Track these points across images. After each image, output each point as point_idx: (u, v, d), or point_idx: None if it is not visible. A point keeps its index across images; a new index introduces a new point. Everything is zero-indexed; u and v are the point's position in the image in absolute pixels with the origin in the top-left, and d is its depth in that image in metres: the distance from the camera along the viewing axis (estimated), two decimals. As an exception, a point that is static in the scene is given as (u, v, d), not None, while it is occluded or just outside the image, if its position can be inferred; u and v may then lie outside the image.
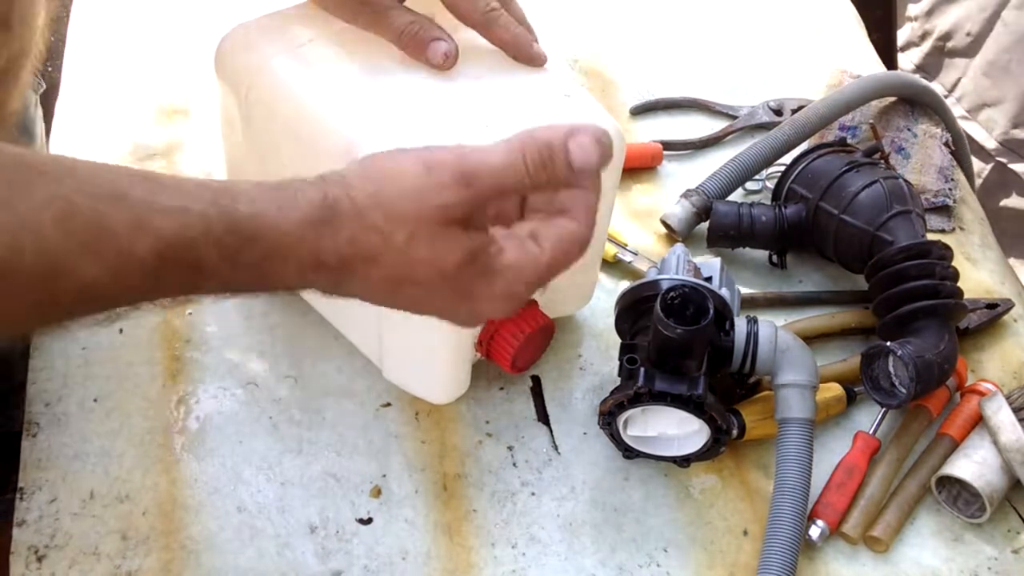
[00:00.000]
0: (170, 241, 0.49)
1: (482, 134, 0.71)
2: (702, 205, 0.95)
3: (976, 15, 1.41)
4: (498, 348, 0.78)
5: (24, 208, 0.46)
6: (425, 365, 0.79)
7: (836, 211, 0.89)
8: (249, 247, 0.51)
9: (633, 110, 1.07)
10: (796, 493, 0.75)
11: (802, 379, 0.77)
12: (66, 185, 0.48)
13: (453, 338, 0.76)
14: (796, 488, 0.75)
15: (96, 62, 1.06)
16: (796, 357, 0.77)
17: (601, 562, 0.76)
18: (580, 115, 0.75)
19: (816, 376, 0.78)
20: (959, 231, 1.00)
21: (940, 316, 0.83)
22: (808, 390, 0.77)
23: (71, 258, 0.47)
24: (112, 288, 0.49)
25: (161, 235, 0.49)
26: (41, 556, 0.72)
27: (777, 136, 0.98)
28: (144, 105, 1.02)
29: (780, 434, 0.77)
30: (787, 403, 0.77)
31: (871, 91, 1.02)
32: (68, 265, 0.47)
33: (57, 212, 0.47)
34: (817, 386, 0.78)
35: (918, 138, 1.03)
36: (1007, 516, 0.80)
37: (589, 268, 0.86)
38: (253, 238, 0.51)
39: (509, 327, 0.78)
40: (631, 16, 1.18)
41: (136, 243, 0.48)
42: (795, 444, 0.76)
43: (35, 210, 0.46)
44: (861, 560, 0.77)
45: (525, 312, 0.79)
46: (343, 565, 0.74)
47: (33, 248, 0.46)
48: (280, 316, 0.87)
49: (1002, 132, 1.41)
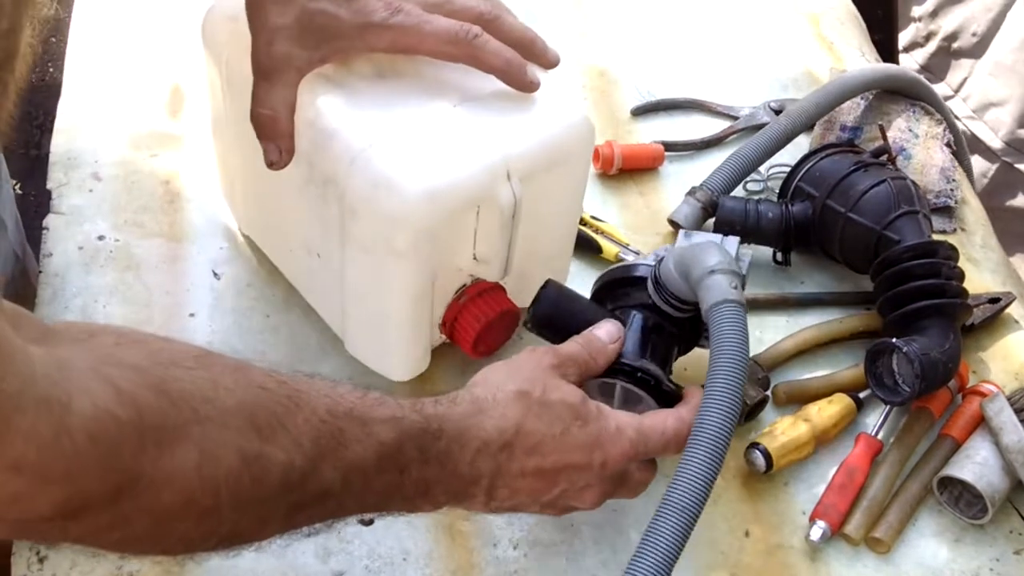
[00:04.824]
0: (389, 446, 0.59)
1: (449, 113, 0.73)
2: (708, 201, 0.95)
3: (982, 15, 1.41)
4: (461, 330, 0.79)
5: (293, 429, 0.55)
6: (383, 340, 0.79)
7: (843, 209, 0.89)
8: (435, 440, 0.61)
9: (634, 111, 1.08)
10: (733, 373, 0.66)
11: (712, 263, 0.70)
12: (319, 405, 0.57)
13: (410, 311, 0.76)
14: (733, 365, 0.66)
15: (98, 61, 1.06)
16: (699, 252, 0.71)
17: (603, 563, 0.76)
18: (550, 104, 0.76)
19: (734, 263, 0.71)
20: (960, 232, 0.99)
21: (945, 315, 0.83)
22: (724, 275, 0.70)
23: (315, 466, 0.56)
24: (340, 492, 0.58)
25: (383, 441, 0.59)
26: (42, 557, 0.72)
27: (775, 128, 0.98)
28: (147, 101, 1.03)
29: (710, 323, 0.69)
30: (709, 292, 0.69)
31: (864, 83, 1.03)
32: (313, 471, 0.56)
33: (310, 432, 0.56)
34: (740, 273, 0.71)
35: (919, 139, 1.03)
36: (1009, 517, 0.80)
37: (560, 255, 0.86)
38: (440, 430, 0.62)
39: (472, 309, 0.78)
40: (632, 17, 1.18)
41: (365, 451, 0.58)
42: (727, 324, 0.67)
43: (297, 431, 0.55)
44: (863, 561, 0.77)
45: (490, 296, 0.79)
46: (344, 566, 0.74)
47: (298, 458, 0.55)
48: (281, 318, 0.87)
49: (1008, 132, 1.41)
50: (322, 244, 0.78)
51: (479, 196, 0.72)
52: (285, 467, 0.55)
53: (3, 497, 0.46)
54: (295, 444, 0.55)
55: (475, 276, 0.79)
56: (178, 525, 0.52)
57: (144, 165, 0.98)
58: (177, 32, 1.09)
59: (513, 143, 0.73)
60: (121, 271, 0.89)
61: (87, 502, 0.48)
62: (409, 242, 0.71)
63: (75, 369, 0.48)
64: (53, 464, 0.46)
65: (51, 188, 0.95)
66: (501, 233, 0.75)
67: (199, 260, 0.91)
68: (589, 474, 0.66)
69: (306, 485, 0.56)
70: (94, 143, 0.99)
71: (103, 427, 0.47)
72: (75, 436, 0.46)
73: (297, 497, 0.56)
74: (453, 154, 0.72)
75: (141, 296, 0.88)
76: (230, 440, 0.52)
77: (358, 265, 0.75)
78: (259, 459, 0.53)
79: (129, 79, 1.05)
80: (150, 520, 0.51)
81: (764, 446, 0.79)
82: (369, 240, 0.72)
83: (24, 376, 0.45)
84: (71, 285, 0.88)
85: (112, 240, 0.91)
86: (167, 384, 0.51)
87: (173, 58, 1.06)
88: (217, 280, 0.90)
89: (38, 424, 0.45)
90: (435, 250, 0.73)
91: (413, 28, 0.71)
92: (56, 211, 0.93)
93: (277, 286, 0.89)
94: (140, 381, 0.50)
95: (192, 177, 0.96)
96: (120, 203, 0.94)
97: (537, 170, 0.74)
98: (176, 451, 0.50)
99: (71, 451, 0.46)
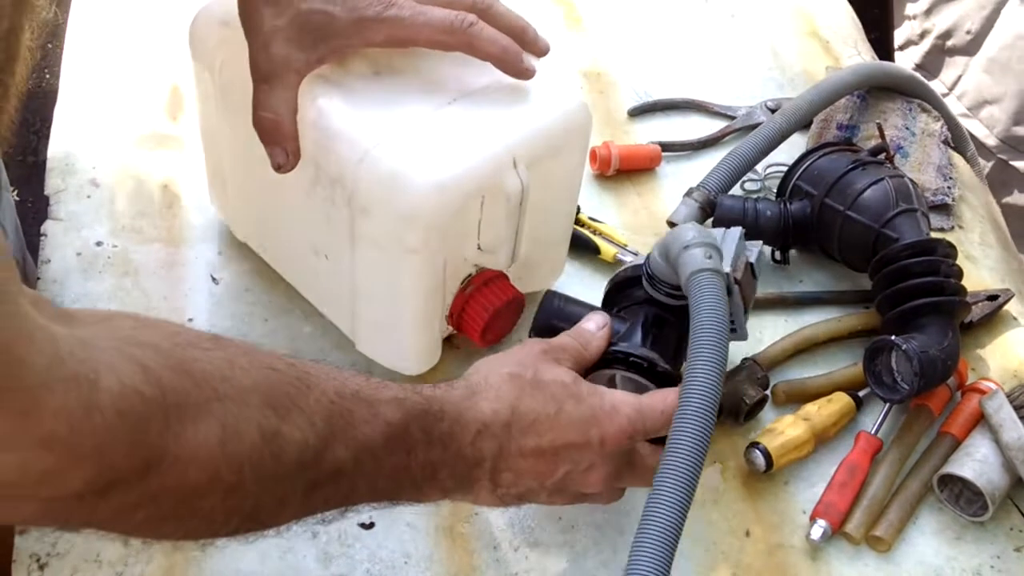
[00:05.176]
0: (396, 427, 0.61)
1: (450, 107, 0.74)
2: (706, 201, 0.95)
3: (976, 13, 1.41)
4: (469, 320, 0.79)
5: (306, 408, 0.57)
6: (396, 336, 0.80)
7: (842, 208, 0.89)
8: (438, 421, 0.63)
9: (631, 111, 1.08)
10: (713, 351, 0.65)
11: (687, 239, 0.70)
12: (328, 387, 0.59)
13: (423, 305, 0.76)
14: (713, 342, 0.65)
15: (95, 66, 1.06)
16: (676, 233, 0.72)
17: (603, 563, 0.76)
18: (545, 90, 0.76)
19: (710, 237, 0.71)
20: (958, 229, 1.00)
21: (944, 313, 0.83)
22: (699, 247, 0.70)
23: (328, 444, 0.57)
24: (352, 472, 0.59)
25: (389, 422, 0.60)
26: (43, 564, 0.72)
27: (771, 127, 0.98)
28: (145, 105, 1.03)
29: (688, 295, 0.69)
30: (684, 266, 0.69)
31: (858, 79, 1.03)
32: (326, 450, 0.57)
33: (322, 411, 0.57)
34: (715, 245, 0.71)
35: (916, 136, 1.03)
36: (1009, 514, 0.80)
37: (560, 241, 0.87)
38: (441, 411, 0.63)
39: (479, 299, 0.79)
40: (629, 18, 1.18)
41: (373, 431, 0.60)
42: (703, 291, 0.67)
43: (310, 410, 0.57)
44: (864, 560, 0.77)
45: (496, 285, 0.79)
46: (345, 570, 0.74)
47: (312, 437, 0.56)
48: (280, 321, 0.87)
49: (1003, 129, 1.41)
50: (330, 245, 0.78)
51: (487, 186, 0.73)
52: (301, 445, 0.56)
53: (35, 474, 0.47)
54: (309, 423, 0.56)
55: (479, 266, 0.80)
56: (203, 502, 0.53)
57: (142, 170, 0.98)
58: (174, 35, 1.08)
59: (516, 131, 0.74)
60: (119, 277, 0.89)
61: (116, 479, 0.49)
62: (422, 237, 0.71)
63: (98, 348, 0.49)
64: (84, 440, 0.47)
65: (49, 194, 0.95)
66: (508, 221, 0.75)
67: (197, 265, 0.91)
68: (589, 453, 0.66)
69: (320, 464, 0.57)
70: (91, 149, 0.98)
71: (131, 404, 0.48)
72: (105, 412, 0.47)
73: (313, 476, 0.57)
74: (459, 146, 0.72)
75: (139, 301, 0.88)
76: (251, 417, 0.54)
77: (370, 263, 0.75)
78: (277, 436, 0.55)
79: (126, 83, 1.05)
80: (176, 498, 0.52)
81: (764, 445, 0.79)
82: (382, 237, 0.73)
83: (50, 354, 0.46)
84: (70, 291, 0.88)
85: (110, 246, 0.91)
86: (187, 364, 0.52)
87: (170, 61, 1.06)
88: (216, 285, 0.90)
89: (68, 401, 0.46)
90: (445, 243, 0.74)
91: (408, 20, 0.72)
92: (54, 217, 0.93)
93: (275, 290, 0.89)
94: (162, 361, 0.51)
95: (190, 181, 0.96)
96: (118, 209, 0.94)
97: (540, 156, 0.75)
98: (200, 428, 0.51)
99: (101, 427, 0.47)
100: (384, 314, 0.79)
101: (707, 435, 0.61)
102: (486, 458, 0.65)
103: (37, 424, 0.45)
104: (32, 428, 0.45)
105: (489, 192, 0.74)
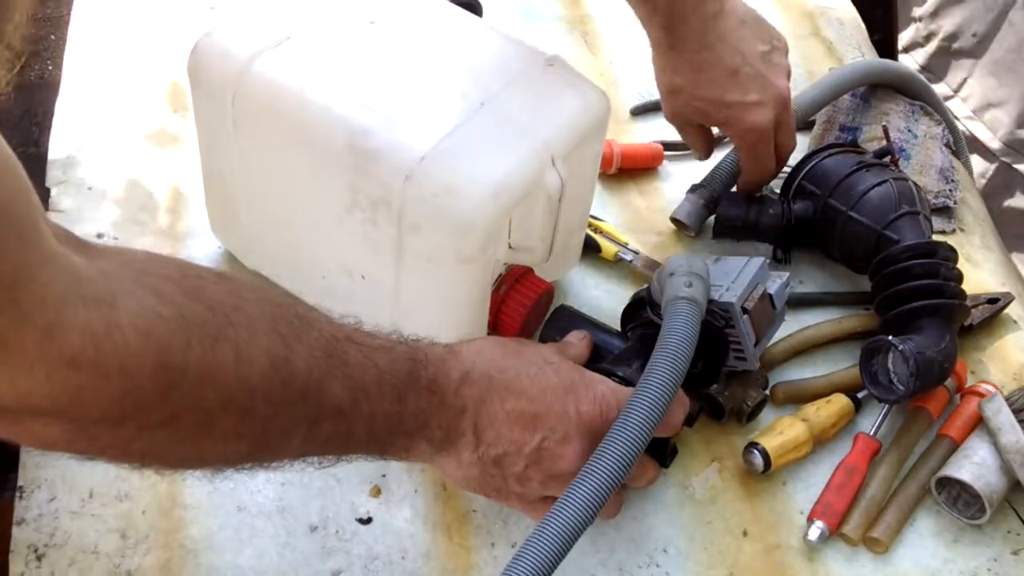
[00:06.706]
0: (384, 371, 0.63)
1: (480, 113, 0.74)
2: (709, 198, 0.95)
3: (982, 15, 1.41)
4: (507, 317, 0.80)
5: (307, 342, 0.60)
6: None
7: (844, 208, 0.89)
8: (423, 368, 0.65)
9: (633, 111, 1.08)
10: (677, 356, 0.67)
11: (671, 268, 0.73)
12: (324, 328, 0.62)
13: (475, 312, 0.77)
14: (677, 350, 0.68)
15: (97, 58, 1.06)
16: (669, 263, 0.74)
17: (601, 562, 0.76)
18: (564, 83, 0.77)
19: (697, 265, 0.73)
20: (960, 232, 0.99)
21: (942, 315, 0.83)
22: (681, 276, 0.72)
23: (327, 379, 0.60)
24: (349, 411, 0.62)
25: (379, 366, 0.63)
26: (40, 555, 0.72)
27: None
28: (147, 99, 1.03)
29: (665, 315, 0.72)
30: (666, 293, 0.72)
31: (857, 77, 1.03)
32: (327, 384, 0.60)
33: (321, 347, 0.60)
34: (700, 275, 0.73)
35: (918, 139, 1.03)
36: (1007, 517, 0.80)
37: (577, 231, 0.88)
38: (426, 359, 0.66)
39: (516, 296, 0.80)
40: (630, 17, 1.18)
41: (365, 373, 0.62)
42: (672, 317, 0.70)
43: (311, 344, 0.60)
44: (861, 561, 0.77)
45: (527, 280, 0.80)
46: (343, 565, 0.74)
47: (315, 370, 0.59)
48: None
49: (1007, 132, 1.41)
50: (368, 265, 0.77)
51: (532, 185, 0.73)
52: (306, 375, 0.59)
53: (65, 394, 0.49)
54: (311, 355, 0.59)
55: (509, 264, 0.80)
56: (218, 425, 0.56)
57: (144, 163, 0.98)
58: (177, 28, 1.09)
59: (549, 128, 0.75)
60: (120, 269, 0.89)
61: (141, 399, 0.51)
62: (479, 245, 0.72)
63: (115, 276, 0.51)
64: (109, 359, 0.49)
65: (50, 186, 0.95)
66: (547, 218, 0.76)
67: (198, 258, 0.90)
68: (566, 422, 0.68)
69: (322, 397, 0.60)
70: (93, 141, 0.99)
71: (151, 324, 0.51)
72: (126, 332, 0.49)
73: (315, 409, 0.60)
74: (502, 150, 0.72)
75: (140, 294, 0.87)
76: (261, 342, 0.57)
77: (418, 278, 0.75)
78: (287, 363, 0.58)
79: (128, 77, 1.05)
80: (195, 418, 0.55)
81: (762, 446, 0.79)
82: (435, 251, 0.73)
83: (69, 278, 0.48)
84: (70, 283, 0.87)
85: (111, 238, 0.91)
86: (200, 292, 0.55)
87: (172, 55, 1.06)
88: (216, 278, 0.89)
89: (91, 320, 0.48)
90: (494, 248, 0.74)
91: None
92: (55, 209, 0.93)
93: (276, 285, 0.88)
94: (176, 289, 0.54)
95: (192, 174, 0.96)
96: (119, 201, 0.94)
97: (571, 150, 0.76)
98: (216, 350, 0.54)
99: (123, 346, 0.49)
100: (429, 327, 0.76)
101: (634, 450, 0.63)
102: (468, 407, 0.67)
103: (63, 343, 0.47)
104: (58, 347, 0.47)
105: (531, 191, 0.74)
